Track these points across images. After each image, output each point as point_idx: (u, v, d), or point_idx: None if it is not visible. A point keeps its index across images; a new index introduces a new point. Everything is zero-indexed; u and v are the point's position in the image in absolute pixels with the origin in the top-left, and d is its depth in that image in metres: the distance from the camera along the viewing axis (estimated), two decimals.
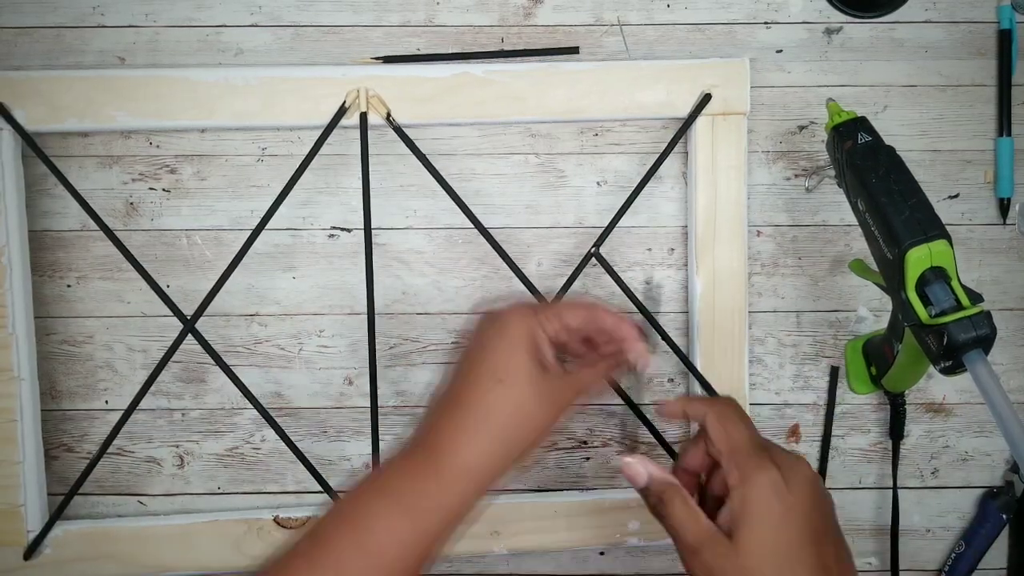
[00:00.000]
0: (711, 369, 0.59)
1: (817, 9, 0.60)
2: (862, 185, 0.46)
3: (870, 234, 0.47)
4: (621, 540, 0.59)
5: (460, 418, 0.41)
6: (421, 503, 0.40)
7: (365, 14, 0.60)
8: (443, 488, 0.40)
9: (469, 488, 0.41)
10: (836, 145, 0.48)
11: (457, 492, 0.40)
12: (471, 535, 0.58)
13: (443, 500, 0.40)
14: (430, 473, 0.40)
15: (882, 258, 0.46)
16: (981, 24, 0.60)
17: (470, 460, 0.41)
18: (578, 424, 0.61)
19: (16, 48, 0.59)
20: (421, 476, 0.40)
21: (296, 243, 0.60)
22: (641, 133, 0.60)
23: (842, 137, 0.48)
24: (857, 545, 0.62)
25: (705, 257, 0.58)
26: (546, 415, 0.43)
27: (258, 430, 0.61)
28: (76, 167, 0.59)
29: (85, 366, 0.60)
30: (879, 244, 0.46)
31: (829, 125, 0.49)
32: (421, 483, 0.40)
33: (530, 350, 0.42)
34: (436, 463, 0.40)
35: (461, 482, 0.40)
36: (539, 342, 0.43)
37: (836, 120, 0.49)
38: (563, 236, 0.61)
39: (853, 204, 0.48)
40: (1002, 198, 0.60)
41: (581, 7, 0.60)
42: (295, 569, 0.39)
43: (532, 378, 0.42)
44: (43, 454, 0.58)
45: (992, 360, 0.61)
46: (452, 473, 0.40)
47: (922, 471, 0.62)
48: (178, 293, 0.59)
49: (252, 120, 0.57)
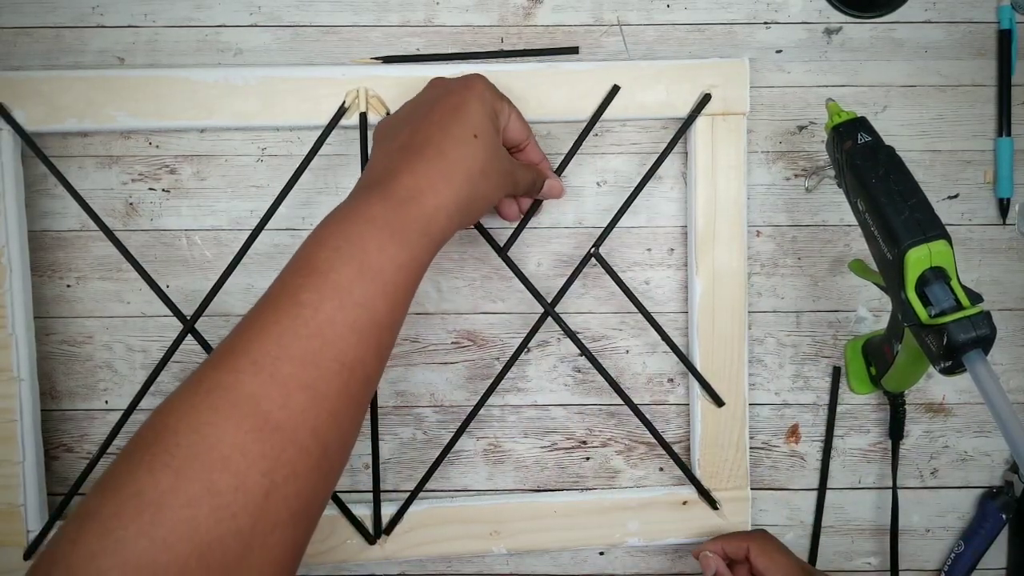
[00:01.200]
0: (711, 369, 0.59)
1: (817, 9, 0.60)
2: (862, 185, 0.46)
3: (870, 234, 0.47)
4: (621, 540, 0.59)
5: (442, 166, 0.45)
6: (409, 231, 0.42)
7: (365, 14, 0.60)
8: (429, 221, 0.43)
9: (448, 225, 0.44)
10: (836, 145, 0.48)
11: (439, 226, 0.44)
12: (471, 535, 0.59)
13: (429, 229, 0.43)
14: (413, 208, 0.43)
15: (882, 258, 0.46)
16: (981, 24, 0.60)
17: (449, 202, 0.44)
18: (578, 424, 0.61)
19: (16, 48, 0.59)
20: (403, 209, 0.43)
21: (296, 243, 0.60)
22: (641, 133, 0.60)
23: (842, 137, 0.48)
24: (857, 545, 0.62)
25: (705, 257, 0.58)
26: (500, 177, 0.48)
27: None
28: (76, 167, 0.59)
29: (85, 366, 0.60)
30: (879, 244, 0.46)
31: (829, 125, 0.49)
32: (406, 214, 0.43)
33: (495, 121, 0.49)
34: (419, 201, 0.43)
35: (442, 218, 0.44)
36: (501, 116, 0.50)
37: (836, 120, 0.49)
38: (563, 236, 0.61)
39: (853, 204, 0.48)
40: (1002, 198, 0.60)
41: (581, 7, 0.60)
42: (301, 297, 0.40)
43: (496, 143, 0.48)
44: (43, 454, 0.58)
45: (992, 360, 0.61)
46: (435, 210, 0.44)
47: (921, 471, 0.62)
48: (178, 293, 0.59)
49: (252, 120, 0.57)
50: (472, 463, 0.61)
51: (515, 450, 0.61)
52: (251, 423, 0.36)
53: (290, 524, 0.37)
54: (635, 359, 0.61)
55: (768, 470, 0.62)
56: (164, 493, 0.34)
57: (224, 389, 0.37)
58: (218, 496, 0.35)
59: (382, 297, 0.41)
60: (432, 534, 0.58)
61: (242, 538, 0.35)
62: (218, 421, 0.36)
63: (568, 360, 0.61)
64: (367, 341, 0.40)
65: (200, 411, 0.36)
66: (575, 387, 0.61)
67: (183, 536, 0.34)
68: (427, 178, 0.44)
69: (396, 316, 0.42)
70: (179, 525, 0.34)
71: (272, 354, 0.38)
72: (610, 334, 0.61)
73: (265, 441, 0.36)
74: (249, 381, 0.37)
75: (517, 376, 0.61)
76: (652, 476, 0.62)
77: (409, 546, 0.58)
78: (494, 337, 0.61)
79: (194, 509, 0.34)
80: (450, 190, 0.44)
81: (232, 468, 0.35)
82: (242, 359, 0.38)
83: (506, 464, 0.61)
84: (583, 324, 0.61)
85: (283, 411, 0.37)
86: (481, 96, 0.48)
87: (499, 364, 0.60)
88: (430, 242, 0.44)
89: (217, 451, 0.36)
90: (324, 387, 0.38)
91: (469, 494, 0.61)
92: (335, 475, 0.41)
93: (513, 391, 0.61)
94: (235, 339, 0.39)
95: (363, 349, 0.40)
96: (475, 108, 0.47)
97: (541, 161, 0.56)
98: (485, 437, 0.61)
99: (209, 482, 0.35)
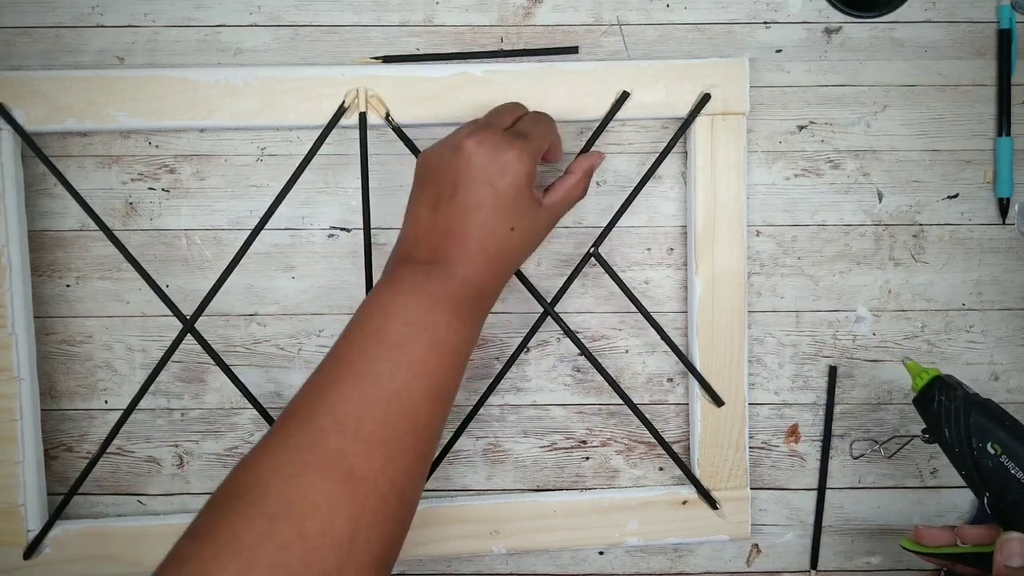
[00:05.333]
0: (710, 369, 0.59)
1: (817, 9, 0.60)
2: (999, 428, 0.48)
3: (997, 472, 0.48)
4: (621, 540, 0.59)
5: (479, 248, 0.47)
6: (469, 307, 0.47)
7: (365, 14, 0.60)
8: (481, 296, 0.48)
9: (496, 292, 0.50)
10: (943, 395, 0.50)
11: (491, 298, 0.49)
12: (471, 535, 0.59)
13: (483, 304, 0.49)
14: (468, 289, 0.47)
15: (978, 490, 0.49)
16: (981, 24, 0.60)
17: (495, 275, 0.49)
18: (578, 424, 0.61)
19: (16, 48, 0.59)
20: (463, 290, 0.47)
21: (295, 243, 0.60)
22: (640, 133, 0.60)
23: (951, 387, 0.50)
24: (857, 545, 0.62)
25: (704, 257, 0.58)
26: (540, 239, 0.51)
27: (258, 430, 0.61)
28: (75, 167, 0.59)
29: (85, 366, 0.60)
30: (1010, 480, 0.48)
31: (918, 385, 0.52)
32: (465, 294, 0.47)
33: (531, 195, 0.49)
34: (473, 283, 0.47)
35: (491, 290, 0.49)
36: (533, 181, 0.49)
37: (925, 377, 0.52)
38: (562, 236, 0.61)
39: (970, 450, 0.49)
40: (1002, 198, 0.60)
41: (580, 7, 0.60)
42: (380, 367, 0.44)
43: (535, 220, 0.49)
44: (43, 454, 0.58)
45: (992, 360, 0.61)
46: (483, 286, 0.48)
47: (921, 471, 0.62)
48: (177, 293, 0.59)
49: (251, 120, 0.57)
50: (472, 463, 0.61)
51: (515, 450, 0.61)
52: (337, 475, 0.41)
53: (371, 566, 0.41)
54: (635, 359, 0.61)
55: (768, 470, 0.62)
56: (259, 537, 0.38)
57: (311, 445, 0.41)
58: (308, 540, 0.38)
59: (449, 366, 0.46)
60: (432, 534, 0.58)
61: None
62: (307, 473, 0.40)
63: (568, 360, 0.61)
64: (436, 403, 0.45)
65: (289, 465, 0.41)
66: (575, 387, 0.61)
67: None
68: (473, 265, 0.47)
69: (459, 380, 0.48)
70: (273, 567, 0.37)
71: (355, 415, 0.42)
72: (610, 334, 0.61)
73: (350, 491, 0.41)
74: (334, 439, 0.41)
75: (517, 376, 0.61)
76: (652, 476, 0.62)
77: (409, 546, 0.58)
78: (493, 337, 0.61)
79: (287, 552, 0.38)
80: (491, 267, 0.48)
81: (320, 515, 0.39)
82: (326, 418, 0.42)
83: (506, 464, 0.61)
84: (583, 324, 0.61)
85: (366, 465, 0.41)
86: (508, 172, 0.47)
87: (499, 364, 0.60)
88: (482, 312, 0.49)
89: (307, 499, 0.39)
90: (400, 443, 0.43)
91: (469, 494, 0.61)
92: (409, 521, 0.45)
93: (513, 391, 0.61)
94: (316, 399, 0.43)
95: (433, 410, 0.45)
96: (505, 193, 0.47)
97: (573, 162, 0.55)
98: (485, 437, 0.61)
99: (300, 528, 0.39)
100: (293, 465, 0.41)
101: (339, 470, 0.41)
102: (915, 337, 0.61)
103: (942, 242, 0.61)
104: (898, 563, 0.62)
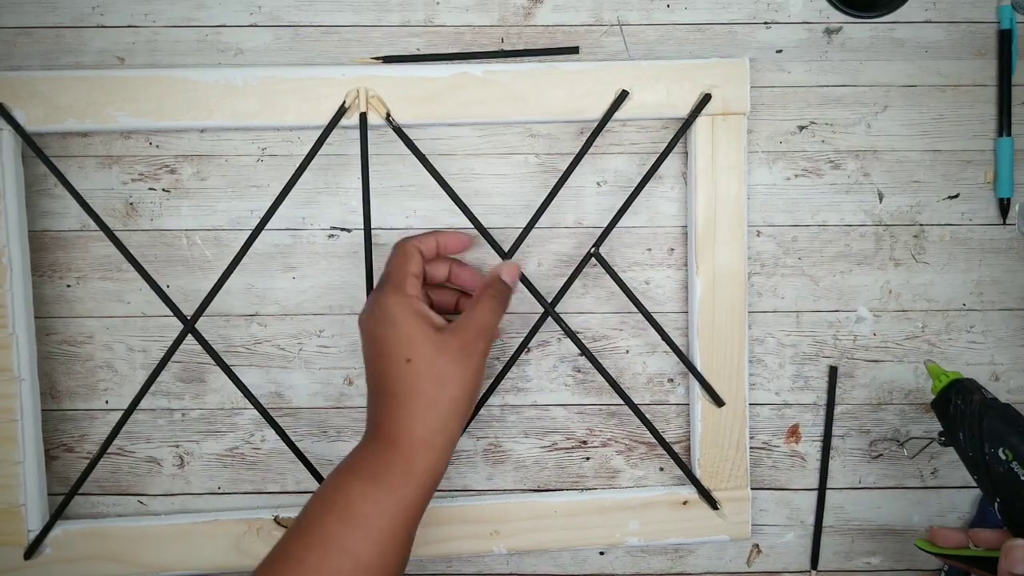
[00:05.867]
0: (711, 369, 0.59)
1: (817, 9, 0.60)
2: (1012, 434, 0.48)
3: (1004, 477, 0.48)
4: (621, 540, 0.59)
5: (394, 405, 0.46)
6: (392, 474, 0.45)
7: (365, 14, 0.60)
8: (408, 460, 0.45)
9: (431, 455, 0.46)
10: (960, 399, 0.50)
11: (424, 462, 0.46)
12: (471, 535, 0.59)
13: (412, 468, 0.45)
14: (392, 451, 0.45)
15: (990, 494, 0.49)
16: (981, 24, 0.60)
17: (421, 434, 0.46)
18: (578, 424, 0.61)
19: (16, 48, 0.59)
20: (384, 454, 0.45)
21: (296, 243, 0.60)
22: (641, 133, 0.60)
23: (968, 390, 0.50)
24: (857, 545, 0.62)
25: (705, 257, 0.58)
26: (464, 367, 0.47)
27: (258, 430, 0.61)
28: (76, 167, 0.59)
29: (85, 366, 0.60)
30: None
31: (937, 387, 0.52)
32: (385, 459, 0.45)
33: (417, 322, 0.47)
34: (395, 443, 0.46)
35: (422, 453, 0.46)
36: (419, 310, 0.48)
37: (944, 380, 0.52)
38: (563, 236, 0.61)
39: (981, 454, 0.49)
40: (1002, 198, 0.60)
41: (581, 7, 0.60)
42: (289, 549, 0.44)
43: (434, 343, 0.47)
44: (43, 454, 0.58)
45: (992, 360, 0.61)
46: (411, 448, 0.45)
47: (922, 471, 0.62)
48: (178, 293, 0.59)
49: (252, 120, 0.57)
50: (472, 463, 0.61)
51: (515, 450, 0.61)
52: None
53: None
54: (635, 359, 0.61)
55: (768, 470, 0.62)
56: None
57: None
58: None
59: (367, 542, 0.43)
60: (432, 534, 0.58)
61: None
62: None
63: (568, 360, 0.61)
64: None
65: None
66: (575, 387, 0.61)
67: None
68: (390, 418, 0.46)
69: (387, 561, 0.44)
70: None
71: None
72: (610, 334, 0.61)
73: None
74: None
75: (517, 376, 0.61)
76: (652, 476, 0.62)
77: None
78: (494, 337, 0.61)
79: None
80: (414, 420, 0.46)
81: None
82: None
83: (506, 464, 0.61)
84: (583, 324, 0.61)
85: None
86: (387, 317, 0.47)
87: (499, 364, 0.60)
88: (416, 480, 0.45)
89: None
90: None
91: (469, 494, 0.61)
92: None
93: (513, 391, 0.61)
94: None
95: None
96: (390, 335, 0.47)
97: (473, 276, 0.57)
98: (485, 437, 0.61)
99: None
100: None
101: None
102: (916, 337, 0.61)
103: (943, 242, 0.61)
104: (898, 563, 0.62)
